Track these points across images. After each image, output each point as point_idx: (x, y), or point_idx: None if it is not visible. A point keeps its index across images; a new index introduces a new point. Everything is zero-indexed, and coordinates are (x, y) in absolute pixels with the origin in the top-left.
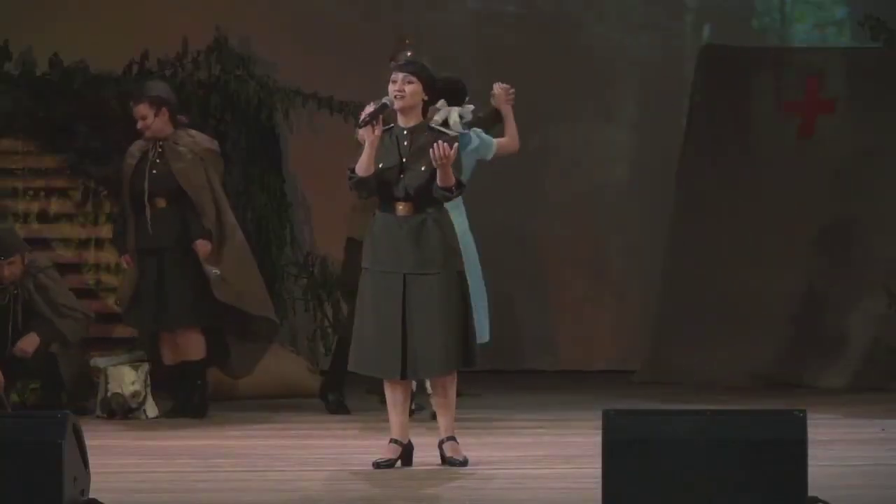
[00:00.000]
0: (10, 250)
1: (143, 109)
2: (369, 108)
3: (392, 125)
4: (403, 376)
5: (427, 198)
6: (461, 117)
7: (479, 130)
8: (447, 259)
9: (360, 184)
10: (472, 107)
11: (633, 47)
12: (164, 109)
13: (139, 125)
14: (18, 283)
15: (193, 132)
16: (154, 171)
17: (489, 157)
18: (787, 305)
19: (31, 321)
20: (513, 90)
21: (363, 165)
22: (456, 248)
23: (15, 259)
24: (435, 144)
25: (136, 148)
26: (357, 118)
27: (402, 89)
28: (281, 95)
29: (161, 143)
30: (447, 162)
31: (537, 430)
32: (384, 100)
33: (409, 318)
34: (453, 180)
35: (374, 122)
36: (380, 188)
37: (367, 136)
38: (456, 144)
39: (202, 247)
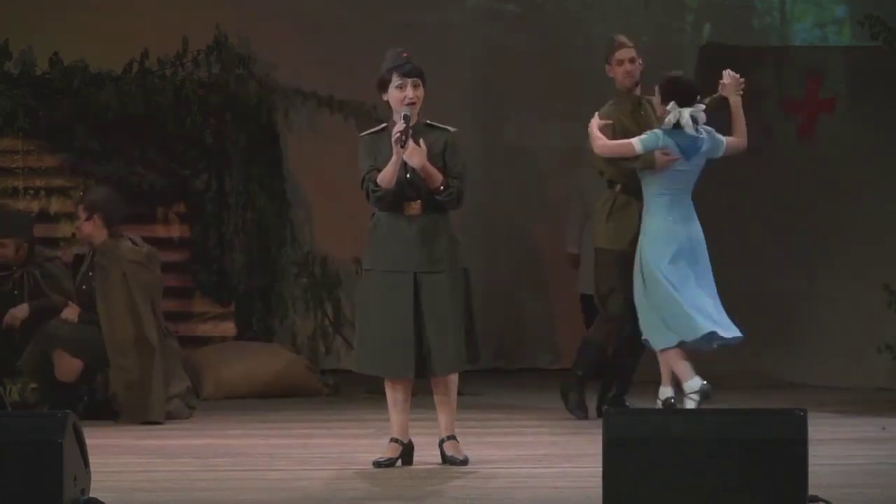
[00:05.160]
0: (6, 233)
1: (78, 211)
2: (400, 126)
3: (385, 125)
4: (419, 374)
5: (434, 196)
6: (693, 119)
7: (711, 130)
8: (454, 256)
9: (384, 196)
10: (702, 106)
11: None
12: (95, 216)
13: (74, 224)
14: (23, 270)
15: (128, 241)
16: (84, 287)
17: (718, 155)
18: (787, 305)
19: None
20: (743, 80)
21: (387, 178)
22: (459, 243)
23: (6, 242)
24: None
25: (74, 250)
26: (356, 117)
27: (414, 96)
28: (281, 95)
29: (94, 254)
30: (398, 141)
31: (537, 430)
32: (404, 112)
33: (423, 317)
34: (437, 181)
35: (405, 138)
36: None
37: (396, 152)
38: (408, 130)
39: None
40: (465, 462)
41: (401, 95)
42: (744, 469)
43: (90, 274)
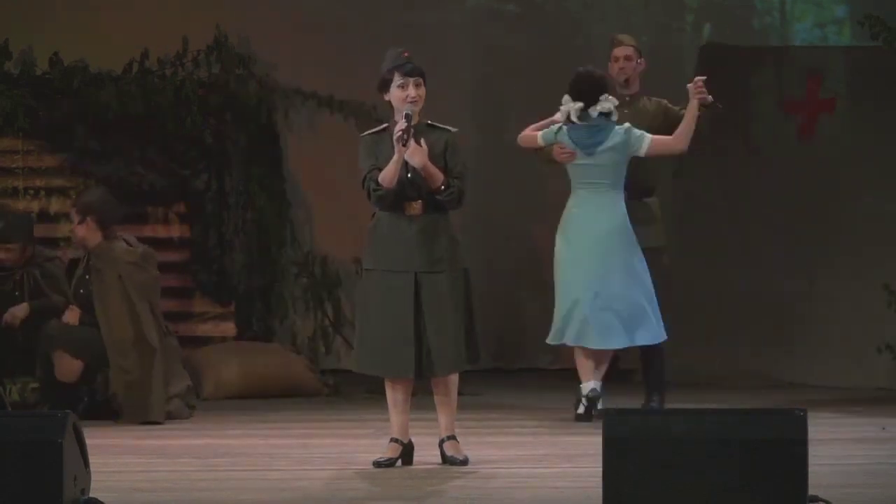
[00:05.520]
0: (11, 237)
1: (71, 214)
2: (402, 124)
3: (386, 125)
4: (419, 375)
5: (435, 196)
6: (603, 113)
7: (628, 126)
8: (454, 256)
9: (386, 195)
10: (612, 100)
11: None
12: (88, 219)
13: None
14: (24, 270)
15: (122, 241)
16: (81, 291)
17: (640, 153)
18: (787, 305)
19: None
20: (700, 83)
21: (389, 177)
22: (459, 243)
23: (13, 247)
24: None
25: (70, 254)
26: (356, 117)
27: (416, 95)
28: (281, 95)
29: (89, 257)
30: (401, 139)
31: (537, 430)
32: (406, 111)
33: (424, 317)
34: (438, 181)
35: (407, 137)
36: None
37: (398, 151)
38: (406, 127)
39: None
40: (465, 462)
41: (403, 94)
42: (744, 469)
43: (87, 277)
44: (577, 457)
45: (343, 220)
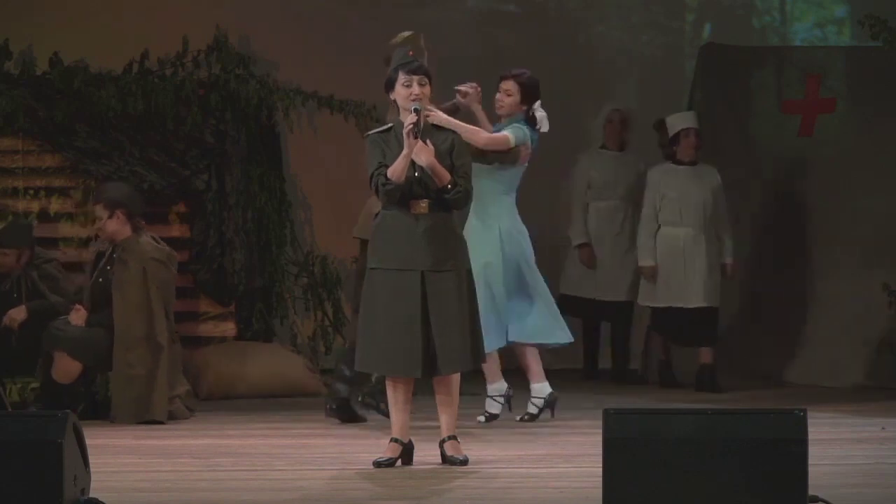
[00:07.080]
0: (10, 242)
1: (97, 210)
2: (412, 117)
3: (391, 125)
4: (427, 374)
5: (442, 195)
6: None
7: None
8: (459, 255)
9: (396, 190)
10: None
11: (634, 46)
12: (117, 212)
13: (95, 225)
14: (21, 272)
15: (149, 237)
16: (100, 280)
17: None
18: (787, 305)
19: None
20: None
21: (398, 172)
22: (465, 244)
23: (8, 252)
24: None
25: (95, 248)
26: (356, 117)
27: (420, 92)
28: (281, 94)
29: (115, 249)
30: (412, 132)
31: (538, 430)
32: (413, 107)
33: (430, 316)
34: (445, 180)
35: (418, 131)
36: None
37: (408, 145)
38: (416, 119)
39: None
40: (465, 462)
41: (407, 92)
42: (744, 469)
43: (108, 268)
44: (577, 457)
45: (343, 220)
